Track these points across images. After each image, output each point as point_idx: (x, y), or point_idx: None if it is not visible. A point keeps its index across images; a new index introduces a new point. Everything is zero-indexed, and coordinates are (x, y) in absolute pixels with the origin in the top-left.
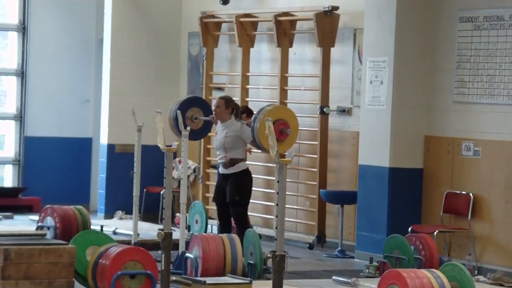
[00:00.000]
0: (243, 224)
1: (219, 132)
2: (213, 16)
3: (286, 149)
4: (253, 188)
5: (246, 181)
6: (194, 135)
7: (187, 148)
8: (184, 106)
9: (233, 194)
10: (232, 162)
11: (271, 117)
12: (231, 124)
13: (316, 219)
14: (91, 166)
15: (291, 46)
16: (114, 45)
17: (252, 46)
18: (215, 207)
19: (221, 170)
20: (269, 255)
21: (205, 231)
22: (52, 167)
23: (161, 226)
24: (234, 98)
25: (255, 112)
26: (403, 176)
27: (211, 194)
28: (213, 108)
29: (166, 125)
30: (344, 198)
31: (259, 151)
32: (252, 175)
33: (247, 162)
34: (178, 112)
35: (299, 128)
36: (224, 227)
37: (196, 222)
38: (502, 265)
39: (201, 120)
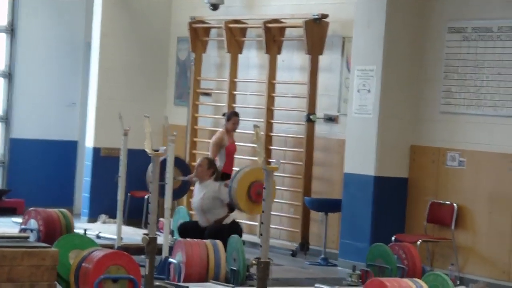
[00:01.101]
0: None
1: (196, 194)
2: (202, 22)
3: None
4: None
5: (236, 230)
6: (175, 195)
7: (172, 153)
8: (162, 165)
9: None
10: (217, 223)
11: (249, 178)
12: (209, 185)
13: (299, 227)
14: (76, 169)
15: (279, 53)
16: (102, 49)
17: (241, 52)
18: None
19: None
20: (253, 261)
21: None
22: (37, 169)
23: (144, 231)
24: (221, 104)
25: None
26: (388, 185)
27: None
28: (195, 166)
29: (153, 129)
30: (329, 206)
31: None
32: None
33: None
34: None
35: (285, 135)
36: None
37: None
38: (484, 276)
39: (179, 179)
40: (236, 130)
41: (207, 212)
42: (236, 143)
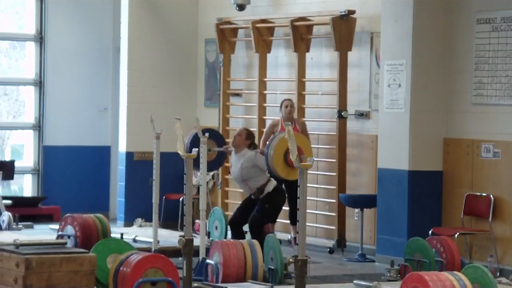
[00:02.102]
0: (257, 232)
1: (234, 164)
2: (229, 23)
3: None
4: None
5: (279, 196)
6: (210, 167)
7: (205, 154)
8: (197, 137)
9: (263, 203)
10: (260, 191)
11: (285, 144)
12: (245, 154)
13: (336, 223)
14: (110, 174)
15: (308, 51)
16: (131, 53)
17: (269, 52)
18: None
19: (253, 196)
20: (291, 260)
21: (225, 237)
22: (71, 176)
23: (180, 233)
24: (251, 104)
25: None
26: (423, 179)
27: (230, 200)
28: (233, 135)
29: (185, 131)
30: (364, 201)
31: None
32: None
33: None
34: (197, 121)
35: (317, 132)
36: (236, 235)
37: (216, 228)
38: None
39: (214, 151)
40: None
41: (248, 180)
42: (297, 130)
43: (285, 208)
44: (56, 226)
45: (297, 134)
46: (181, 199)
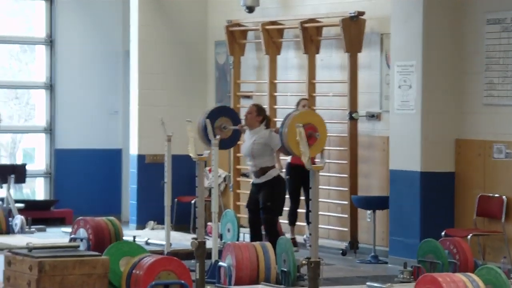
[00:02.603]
0: (273, 232)
1: (247, 140)
2: (239, 25)
3: (316, 153)
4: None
5: (279, 188)
6: (224, 144)
7: (217, 156)
8: (213, 115)
9: (265, 201)
10: (262, 171)
11: (299, 122)
12: (259, 131)
13: (348, 225)
14: (122, 177)
15: (318, 53)
16: (141, 56)
17: (279, 54)
18: (246, 215)
19: (254, 179)
20: (304, 262)
21: (238, 240)
22: (83, 179)
23: (193, 236)
24: (263, 106)
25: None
26: (435, 180)
27: (242, 203)
28: (244, 114)
29: (196, 134)
30: (376, 203)
31: (288, 157)
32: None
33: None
34: (207, 121)
35: (329, 134)
36: (254, 234)
37: (228, 230)
38: None
39: (230, 129)
40: None
41: (256, 157)
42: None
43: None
44: (69, 229)
45: (310, 111)
46: (193, 201)
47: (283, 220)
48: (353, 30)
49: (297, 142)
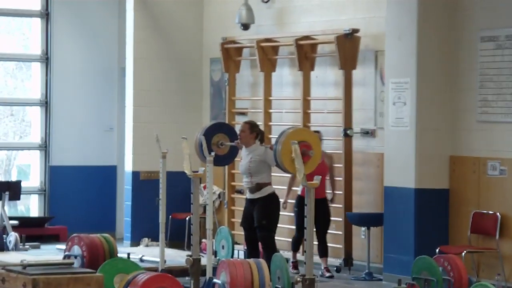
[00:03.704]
0: (271, 249)
1: (244, 157)
2: (234, 42)
3: (310, 170)
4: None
5: (273, 205)
6: (221, 161)
7: (212, 173)
8: (210, 132)
9: (260, 218)
10: (258, 187)
11: (293, 139)
12: (256, 149)
13: (342, 242)
14: (116, 193)
15: (312, 70)
16: (136, 73)
17: (274, 71)
18: (241, 232)
19: (248, 195)
20: (298, 279)
21: (232, 256)
22: (78, 195)
23: (187, 253)
24: (257, 123)
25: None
26: (429, 197)
27: (236, 219)
28: (238, 132)
29: (191, 151)
30: (370, 220)
31: (298, 188)
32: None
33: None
34: (202, 137)
35: (323, 151)
36: (251, 252)
37: (223, 247)
38: None
39: (227, 146)
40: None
41: (254, 174)
42: (324, 164)
43: (291, 226)
44: (63, 246)
45: (304, 129)
46: (187, 218)
47: (277, 238)
48: (347, 47)
49: (291, 159)
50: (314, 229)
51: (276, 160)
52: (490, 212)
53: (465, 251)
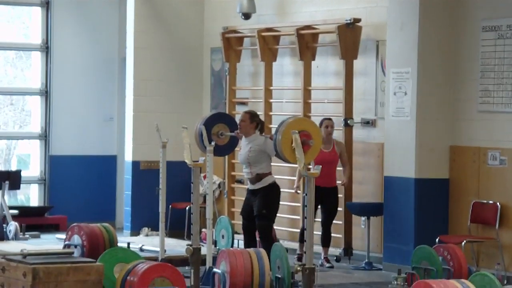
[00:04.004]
0: (268, 238)
1: (243, 147)
2: (235, 31)
3: (310, 160)
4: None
5: (274, 195)
6: (221, 151)
7: (212, 163)
8: (210, 122)
9: (260, 208)
10: (258, 177)
11: (293, 129)
12: (255, 139)
13: (342, 232)
14: (116, 183)
15: (313, 59)
16: (136, 63)
17: (275, 60)
18: (241, 222)
19: (249, 185)
20: (298, 268)
21: (232, 246)
22: (78, 185)
23: (187, 242)
24: (258, 113)
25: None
26: (429, 187)
27: (236, 209)
28: (238, 123)
29: (192, 140)
30: (370, 210)
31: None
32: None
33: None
34: (203, 127)
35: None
36: (249, 241)
37: (223, 237)
38: None
39: (227, 136)
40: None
41: (253, 164)
42: (335, 152)
43: (291, 216)
44: (63, 236)
45: (304, 118)
46: (187, 208)
47: (290, 229)
48: (349, 37)
49: (291, 149)
50: (319, 219)
51: (276, 150)
52: (490, 201)
53: (465, 241)
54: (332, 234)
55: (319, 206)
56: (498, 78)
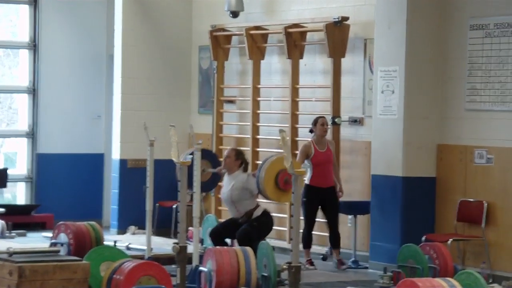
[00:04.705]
0: (246, 244)
1: (225, 185)
2: (223, 29)
3: (290, 199)
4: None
5: (267, 221)
6: (203, 187)
7: (199, 161)
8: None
9: (252, 221)
10: (249, 215)
11: (276, 167)
12: (238, 175)
13: (329, 230)
14: (103, 181)
15: (301, 58)
16: (124, 61)
17: (263, 58)
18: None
19: (241, 221)
20: (284, 266)
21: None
22: (65, 183)
23: (174, 240)
24: (245, 111)
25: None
26: (416, 185)
27: (223, 208)
28: (223, 158)
29: (178, 139)
30: (357, 208)
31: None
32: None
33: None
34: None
35: (311, 139)
36: (216, 244)
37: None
38: None
39: (209, 172)
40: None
41: (237, 203)
42: (330, 151)
43: (278, 215)
44: (49, 234)
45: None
46: (174, 206)
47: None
48: (337, 35)
49: (274, 187)
50: (325, 220)
51: (258, 187)
52: (477, 200)
53: (451, 239)
54: (319, 233)
55: (319, 207)
56: (485, 77)
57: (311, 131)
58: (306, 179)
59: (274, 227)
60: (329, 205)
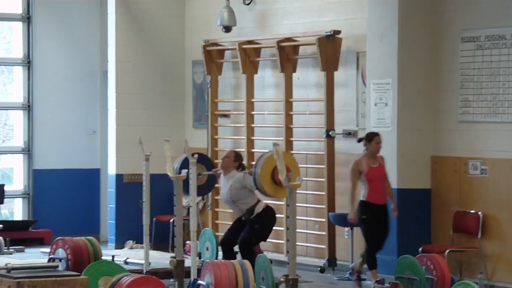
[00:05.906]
0: (247, 253)
1: (223, 186)
2: (216, 44)
3: (286, 195)
4: None
5: (269, 217)
6: (200, 191)
7: (195, 175)
8: (186, 163)
9: (254, 222)
10: (250, 211)
11: (272, 163)
12: (234, 175)
13: (326, 242)
14: (100, 196)
15: (294, 71)
16: (118, 76)
17: (256, 73)
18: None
19: (244, 218)
20: (282, 279)
21: (216, 258)
22: (62, 199)
23: (172, 254)
24: (240, 125)
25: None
26: (411, 197)
27: (220, 221)
28: (222, 157)
29: (174, 153)
30: None
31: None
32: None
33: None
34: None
35: (306, 152)
36: (227, 255)
37: (207, 249)
38: None
39: (204, 175)
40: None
41: (237, 201)
42: (383, 167)
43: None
44: (47, 250)
45: (285, 153)
46: (171, 220)
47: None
48: (329, 48)
49: (270, 182)
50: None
51: (255, 183)
52: (472, 211)
53: (447, 250)
54: (316, 245)
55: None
56: (477, 89)
57: (359, 140)
58: (362, 196)
59: (271, 240)
60: (382, 225)
